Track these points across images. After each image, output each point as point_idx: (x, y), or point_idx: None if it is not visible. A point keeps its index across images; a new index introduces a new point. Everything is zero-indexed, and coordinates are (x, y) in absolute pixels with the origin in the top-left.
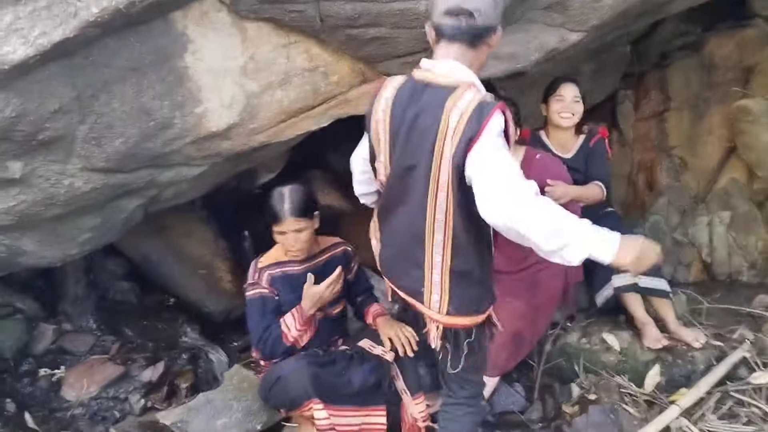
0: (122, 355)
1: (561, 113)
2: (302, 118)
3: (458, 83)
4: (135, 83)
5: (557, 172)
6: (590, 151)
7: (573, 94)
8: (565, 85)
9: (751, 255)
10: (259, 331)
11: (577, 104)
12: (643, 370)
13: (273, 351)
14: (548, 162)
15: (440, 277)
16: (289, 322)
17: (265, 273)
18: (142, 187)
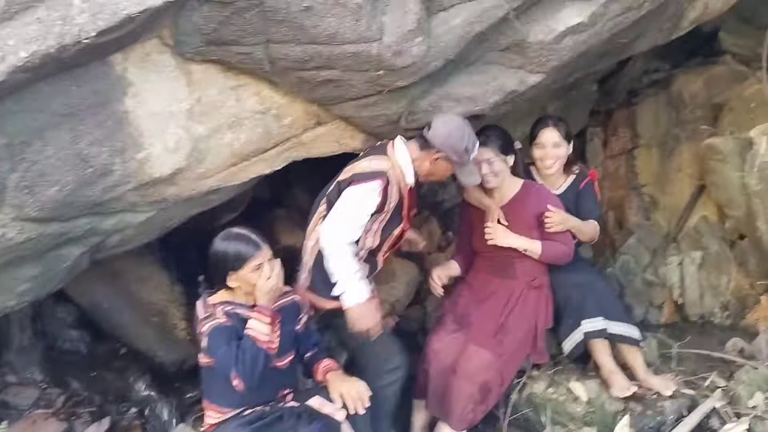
0: (67, 410)
1: (542, 161)
2: (255, 161)
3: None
4: (71, 129)
5: (555, 201)
6: (580, 192)
7: (553, 141)
8: (544, 131)
9: (723, 296)
10: (232, 355)
11: (558, 149)
12: (612, 422)
13: (254, 365)
14: (547, 191)
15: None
16: (254, 325)
17: (218, 308)
18: (82, 235)
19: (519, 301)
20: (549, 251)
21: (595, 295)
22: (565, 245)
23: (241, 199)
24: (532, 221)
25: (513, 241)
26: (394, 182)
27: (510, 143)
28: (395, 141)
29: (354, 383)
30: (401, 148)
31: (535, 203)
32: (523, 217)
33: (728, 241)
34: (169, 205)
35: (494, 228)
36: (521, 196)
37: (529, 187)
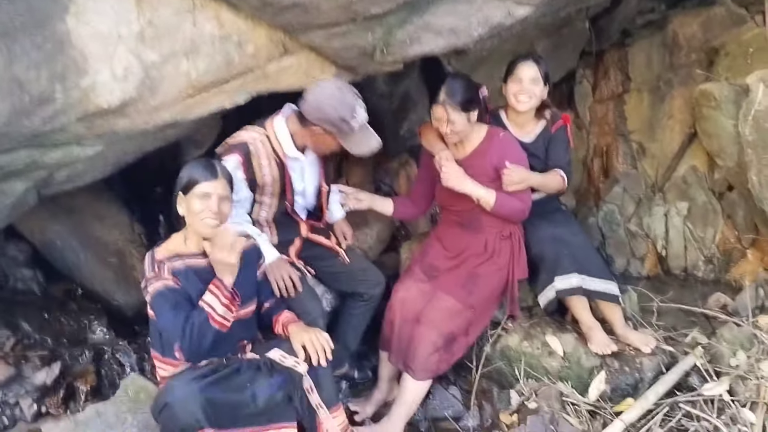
0: (17, 353)
1: (518, 96)
2: (214, 93)
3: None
4: (4, 50)
5: (517, 155)
6: (551, 138)
7: (531, 76)
8: (523, 64)
9: (708, 249)
10: (178, 324)
11: (535, 86)
12: (588, 378)
13: (201, 341)
14: (510, 143)
15: None
16: (210, 300)
17: (164, 266)
18: (23, 169)
19: (492, 254)
20: (503, 204)
21: (571, 250)
22: (522, 202)
23: (208, 134)
24: (493, 174)
25: (468, 186)
26: (263, 155)
27: (473, 97)
28: (278, 113)
29: (317, 334)
30: (279, 118)
31: (496, 155)
32: (484, 170)
33: (716, 192)
34: (120, 138)
35: (450, 168)
36: (483, 147)
37: (492, 136)
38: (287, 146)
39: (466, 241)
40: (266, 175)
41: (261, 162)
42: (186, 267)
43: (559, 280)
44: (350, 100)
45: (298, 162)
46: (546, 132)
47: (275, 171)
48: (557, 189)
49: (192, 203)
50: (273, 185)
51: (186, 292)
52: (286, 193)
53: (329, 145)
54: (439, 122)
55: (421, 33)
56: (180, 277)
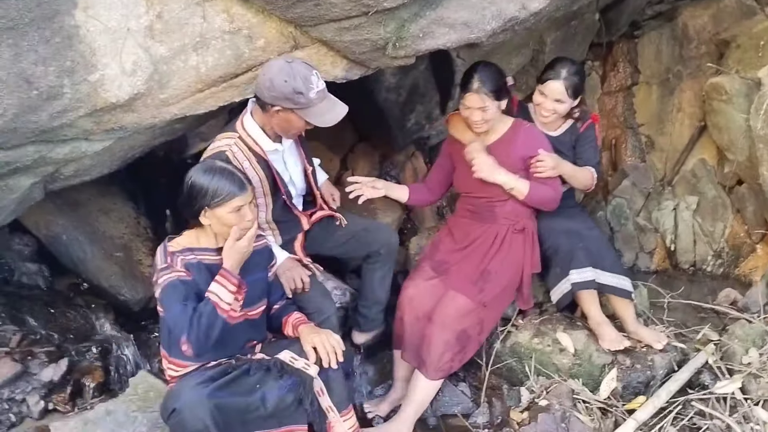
0: (23, 349)
1: (540, 109)
2: (224, 87)
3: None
4: (12, 45)
5: (543, 146)
6: (579, 136)
7: (555, 96)
8: (551, 82)
9: (717, 243)
10: (186, 318)
11: (558, 105)
12: (599, 375)
13: (208, 333)
14: (535, 134)
15: None
16: (217, 289)
17: (177, 258)
18: (31, 165)
19: (503, 246)
20: (536, 193)
21: (586, 244)
22: (554, 190)
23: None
24: (519, 164)
25: (501, 177)
26: (241, 158)
27: (503, 85)
28: (245, 111)
29: (328, 335)
30: (247, 117)
31: (523, 145)
32: (510, 159)
33: (726, 186)
34: (128, 133)
35: (483, 160)
36: (509, 136)
37: (518, 127)
38: (263, 141)
39: (478, 231)
40: (252, 177)
41: (242, 165)
42: (198, 261)
43: (574, 273)
44: (301, 70)
45: (278, 153)
46: (574, 129)
47: (260, 170)
48: (585, 185)
49: (225, 217)
50: (262, 185)
51: (197, 286)
52: (278, 187)
53: (295, 124)
54: (470, 111)
55: (434, 27)
56: (192, 269)
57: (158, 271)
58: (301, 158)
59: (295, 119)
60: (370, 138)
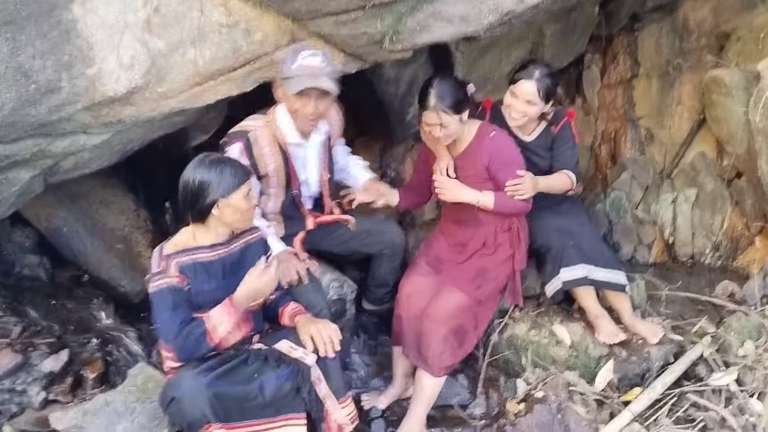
0: (24, 340)
1: (510, 110)
2: (222, 80)
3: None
4: (10, 39)
5: (509, 154)
6: (555, 138)
7: (527, 97)
8: (523, 82)
9: (716, 236)
10: (173, 328)
11: (529, 107)
12: (595, 367)
13: (192, 352)
14: (502, 142)
15: None
16: (217, 318)
17: (172, 261)
18: (30, 158)
19: (496, 247)
20: (503, 204)
21: (577, 241)
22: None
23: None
24: (484, 173)
25: (464, 195)
26: (264, 143)
27: (463, 97)
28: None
29: (325, 325)
30: (281, 106)
31: (488, 155)
32: (476, 170)
33: (725, 179)
34: (126, 127)
35: (443, 182)
36: (474, 146)
37: (483, 135)
38: (288, 132)
39: (468, 235)
40: (269, 164)
41: (263, 150)
42: (193, 262)
43: (564, 272)
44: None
45: (301, 148)
46: (548, 132)
47: (278, 159)
48: (564, 189)
49: (238, 203)
50: (277, 174)
51: (188, 293)
52: (292, 181)
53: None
54: (431, 127)
55: (431, 21)
56: (188, 272)
57: (151, 275)
58: (323, 164)
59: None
60: (369, 131)
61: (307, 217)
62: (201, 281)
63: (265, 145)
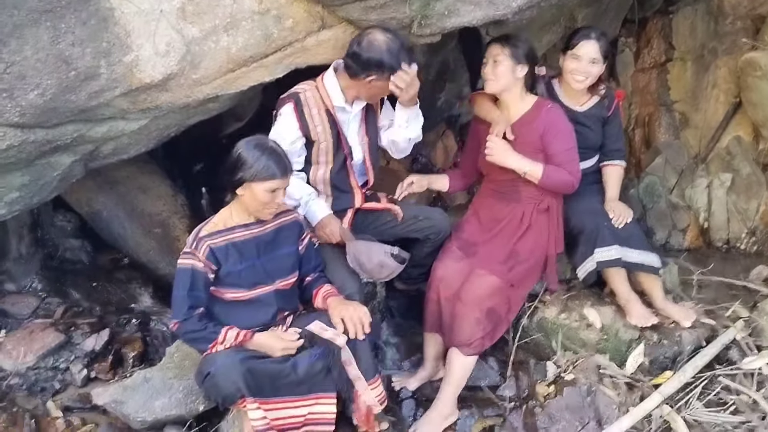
0: (66, 320)
1: (573, 74)
2: (254, 67)
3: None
4: (50, 27)
5: (563, 127)
6: (608, 119)
7: (591, 56)
8: (585, 43)
9: (752, 221)
10: (183, 309)
11: (593, 66)
12: (626, 350)
13: (191, 341)
14: (558, 114)
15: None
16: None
17: (204, 244)
18: (71, 143)
19: (529, 227)
20: (551, 177)
21: (611, 222)
22: (571, 174)
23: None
24: (538, 143)
25: (513, 161)
26: (313, 104)
27: (530, 55)
28: (328, 70)
29: (356, 308)
30: (329, 71)
31: (544, 124)
32: (531, 138)
33: (761, 163)
34: (163, 112)
35: (495, 143)
36: (531, 115)
37: (541, 105)
38: (335, 96)
39: (504, 211)
40: (317, 125)
41: (312, 112)
42: (227, 243)
43: (599, 252)
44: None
45: (346, 113)
46: (601, 107)
47: (326, 123)
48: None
49: (259, 194)
50: (326, 139)
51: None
52: (342, 146)
53: (384, 89)
54: (487, 61)
55: (459, 4)
56: (220, 254)
57: (183, 252)
58: (364, 129)
59: (384, 84)
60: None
61: (355, 192)
62: (233, 262)
63: (314, 107)
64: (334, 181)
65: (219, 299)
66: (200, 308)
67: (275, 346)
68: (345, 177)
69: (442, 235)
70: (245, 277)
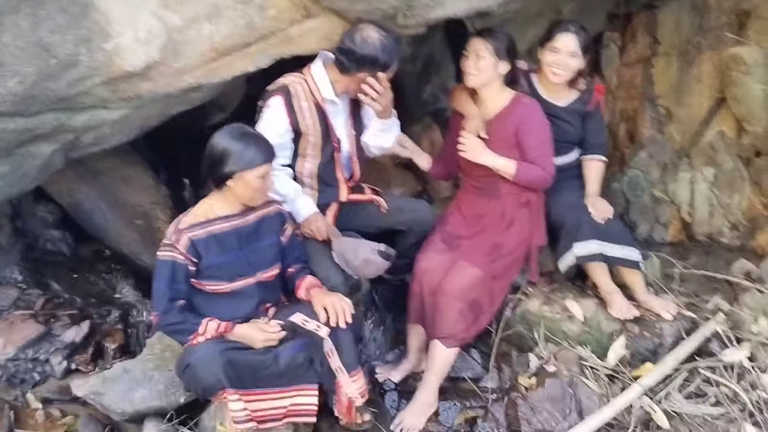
0: (47, 312)
1: (552, 67)
2: (237, 56)
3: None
4: (30, 14)
5: (538, 122)
6: (588, 114)
7: (570, 49)
8: (563, 35)
9: (734, 215)
10: (163, 302)
11: (572, 59)
12: (607, 342)
13: (172, 332)
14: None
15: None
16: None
17: (184, 236)
18: (51, 132)
19: (512, 222)
20: (524, 174)
21: (591, 216)
22: (544, 170)
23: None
24: (513, 138)
25: (486, 158)
26: (303, 97)
27: (512, 50)
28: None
29: (339, 298)
30: (317, 63)
31: (519, 119)
32: (506, 134)
33: (744, 158)
34: (144, 102)
35: (469, 141)
36: (508, 110)
37: (517, 101)
38: (325, 89)
39: (485, 208)
40: (307, 118)
41: (301, 104)
42: (208, 235)
43: (578, 246)
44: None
45: (335, 106)
46: (581, 102)
47: (315, 116)
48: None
49: (251, 181)
50: (315, 132)
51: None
52: (330, 136)
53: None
54: (467, 58)
55: None
56: (200, 246)
57: (162, 244)
58: (352, 123)
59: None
60: None
61: (341, 185)
62: (214, 254)
63: (303, 99)
64: (322, 174)
65: (200, 291)
66: (181, 300)
67: (257, 337)
68: (332, 170)
69: (426, 228)
70: (226, 269)
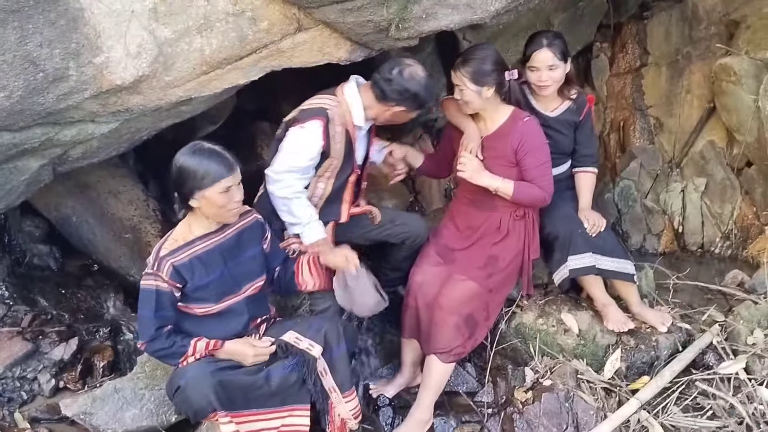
0: (34, 329)
1: (536, 84)
2: (228, 69)
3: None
4: (18, 27)
5: (538, 142)
6: (580, 123)
7: (547, 63)
8: (537, 53)
9: (726, 225)
10: (150, 330)
11: (554, 71)
12: (603, 355)
13: (162, 357)
14: (534, 128)
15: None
16: (199, 350)
17: (166, 263)
18: (39, 147)
19: (507, 234)
20: (522, 194)
21: (584, 230)
22: (543, 189)
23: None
24: (512, 156)
25: (485, 180)
26: (338, 122)
27: (489, 73)
28: (348, 81)
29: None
30: (351, 87)
31: (518, 138)
32: (505, 152)
33: (735, 168)
34: (134, 115)
35: (468, 162)
36: (507, 127)
37: (517, 117)
38: (357, 115)
39: (480, 219)
40: (338, 143)
41: (336, 129)
42: (190, 258)
43: (572, 260)
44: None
45: (362, 131)
46: (572, 112)
47: (344, 140)
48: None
49: (214, 198)
50: (339, 156)
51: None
52: (353, 161)
53: (403, 119)
54: (455, 88)
55: (437, 8)
56: (185, 271)
57: (145, 272)
58: (367, 147)
59: (406, 115)
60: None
61: (344, 206)
62: (199, 276)
63: (338, 124)
64: (331, 195)
65: (189, 315)
66: (168, 326)
67: (247, 353)
68: (341, 192)
69: (419, 240)
70: (213, 288)
